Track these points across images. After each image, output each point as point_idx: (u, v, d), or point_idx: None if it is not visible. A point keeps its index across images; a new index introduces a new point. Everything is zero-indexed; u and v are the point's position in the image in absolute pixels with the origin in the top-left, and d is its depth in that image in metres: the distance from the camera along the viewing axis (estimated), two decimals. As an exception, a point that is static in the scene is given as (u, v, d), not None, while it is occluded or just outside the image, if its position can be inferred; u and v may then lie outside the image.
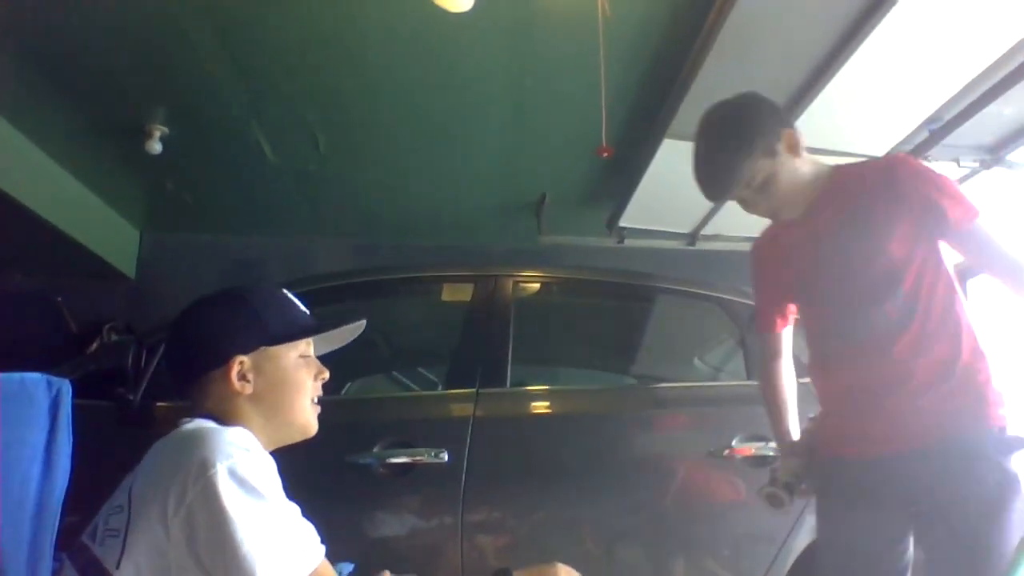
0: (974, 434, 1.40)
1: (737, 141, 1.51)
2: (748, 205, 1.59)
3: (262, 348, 1.20)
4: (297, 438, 1.24)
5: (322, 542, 1.09)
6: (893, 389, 1.46)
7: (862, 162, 1.71)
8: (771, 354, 1.75)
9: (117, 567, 1.01)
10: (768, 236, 1.73)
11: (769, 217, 1.64)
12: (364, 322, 1.33)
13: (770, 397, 1.73)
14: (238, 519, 0.98)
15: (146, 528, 1.00)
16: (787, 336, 1.75)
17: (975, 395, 1.43)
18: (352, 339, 1.35)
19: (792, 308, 1.72)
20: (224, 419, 1.15)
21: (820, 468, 1.58)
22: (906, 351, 1.44)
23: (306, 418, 1.23)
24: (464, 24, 2.57)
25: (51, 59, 2.87)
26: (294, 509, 1.08)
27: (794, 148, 1.54)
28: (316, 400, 1.25)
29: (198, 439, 1.05)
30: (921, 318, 1.44)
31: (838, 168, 1.59)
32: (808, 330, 1.67)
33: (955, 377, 1.43)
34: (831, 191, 1.54)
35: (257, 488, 1.01)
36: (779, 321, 1.74)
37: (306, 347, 1.25)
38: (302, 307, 1.30)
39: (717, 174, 1.55)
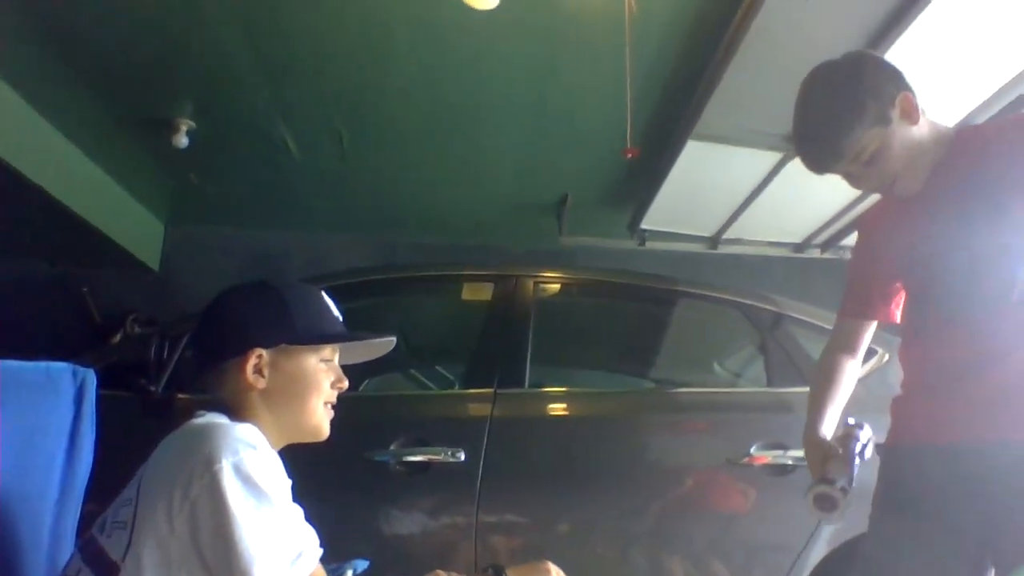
0: None
1: (847, 108, 1.33)
2: (855, 180, 1.41)
3: (283, 345, 1.18)
4: (307, 439, 1.23)
5: (327, 542, 1.08)
6: (997, 361, 1.30)
7: (988, 122, 1.53)
8: (846, 345, 1.56)
9: (123, 560, 1.01)
10: (879, 208, 1.56)
11: (881, 193, 1.47)
12: (394, 339, 1.31)
13: (823, 387, 1.54)
14: (240, 516, 0.98)
15: (151, 521, 1.00)
16: (871, 331, 1.57)
17: None
18: (378, 356, 1.33)
19: (897, 296, 1.53)
20: (236, 412, 1.15)
21: (889, 462, 1.43)
22: (1018, 319, 1.29)
23: (317, 421, 1.21)
24: (489, 22, 2.57)
25: (81, 53, 2.90)
26: (297, 511, 1.07)
27: (910, 114, 1.35)
28: (331, 406, 1.23)
29: (205, 434, 1.05)
30: None
31: (961, 131, 1.43)
32: (910, 301, 1.49)
33: None
34: (952, 156, 1.38)
35: (261, 486, 1.01)
36: (879, 306, 1.54)
37: (330, 353, 1.23)
38: (335, 312, 1.27)
39: (821, 146, 1.37)
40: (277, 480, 1.05)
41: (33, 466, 1.37)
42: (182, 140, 3.37)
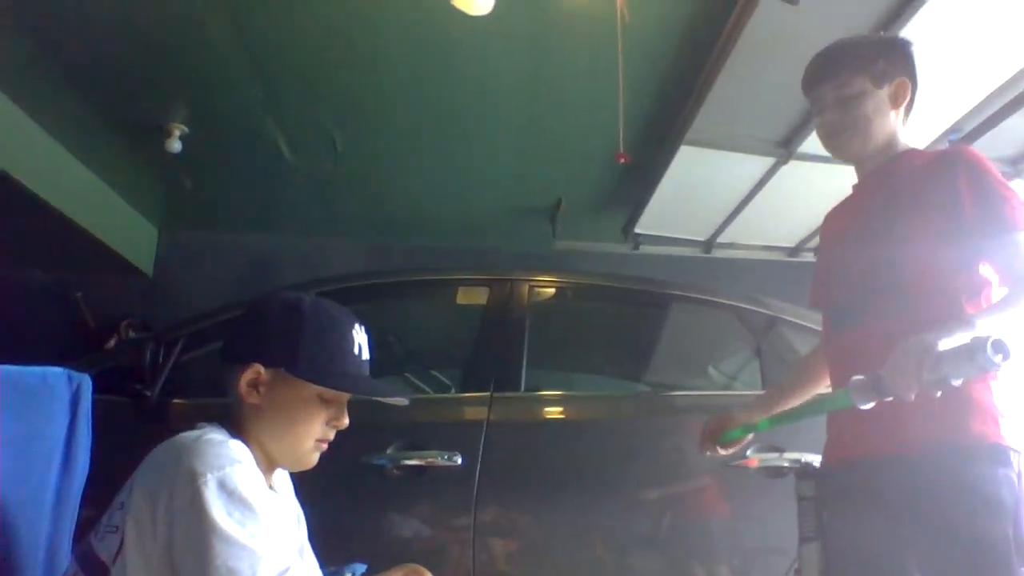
0: (958, 445, 1.28)
1: (864, 49, 1.47)
2: (824, 110, 1.46)
3: (282, 369, 1.16)
4: (290, 468, 1.23)
5: (325, 546, 1.09)
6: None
7: (930, 150, 1.55)
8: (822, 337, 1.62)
9: (112, 563, 1.02)
10: (840, 205, 1.61)
11: (832, 152, 1.50)
12: (405, 401, 1.31)
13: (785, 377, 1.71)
14: (222, 530, 0.98)
15: (139, 528, 1.01)
16: None
17: (963, 405, 1.29)
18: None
19: None
20: (233, 422, 1.16)
21: (818, 476, 1.49)
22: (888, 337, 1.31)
23: (300, 456, 1.19)
24: (483, 27, 2.58)
25: (74, 58, 2.90)
26: (286, 531, 1.07)
27: (897, 100, 1.44)
28: (324, 443, 1.21)
29: (195, 446, 1.05)
30: (917, 317, 1.29)
31: (909, 150, 1.48)
32: (823, 303, 1.56)
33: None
34: (886, 168, 1.45)
35: (247, 500, 1.01)
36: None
37: (334, 393, 1.19)
38: (358, 351, 1.22)
39: (827, 60, 1.47)
40: (262, 495, 1.05)
41: (30, 471, 1.36)
42: (175, 145, 3.37)
